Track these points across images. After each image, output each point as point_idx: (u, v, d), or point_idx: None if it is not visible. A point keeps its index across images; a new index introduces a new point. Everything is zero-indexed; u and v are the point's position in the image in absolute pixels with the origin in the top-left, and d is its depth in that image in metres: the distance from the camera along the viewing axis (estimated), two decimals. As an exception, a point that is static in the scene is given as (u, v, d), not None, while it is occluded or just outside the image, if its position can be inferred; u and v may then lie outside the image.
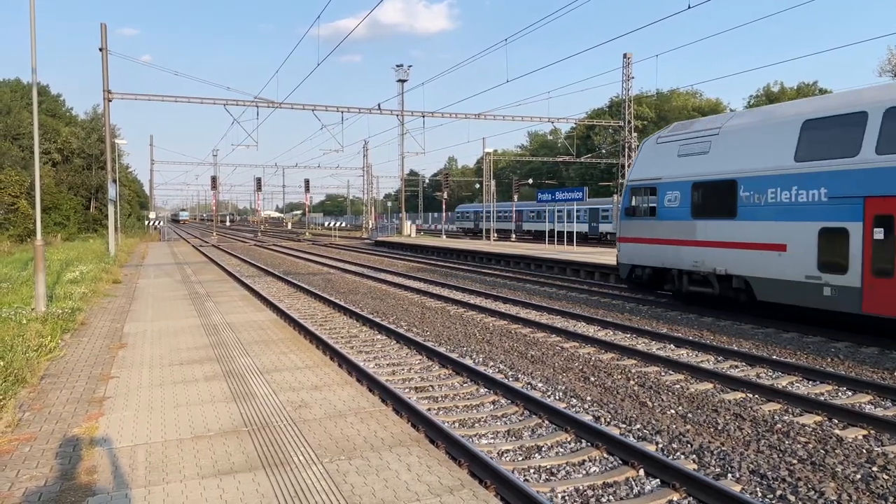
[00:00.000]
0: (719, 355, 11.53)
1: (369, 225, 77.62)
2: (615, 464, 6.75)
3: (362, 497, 5.04)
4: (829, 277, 12.46)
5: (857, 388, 9.39)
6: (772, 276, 13.66)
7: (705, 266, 15.31)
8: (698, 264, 15.51)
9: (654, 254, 16.89)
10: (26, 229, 51.81)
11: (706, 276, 15.41)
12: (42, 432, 6.62)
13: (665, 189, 16.45)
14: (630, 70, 42.83)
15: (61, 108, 78.50)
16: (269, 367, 9.39)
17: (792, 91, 72.83)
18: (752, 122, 14.81)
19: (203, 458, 5.87)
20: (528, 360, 11.38)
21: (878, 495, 5.95)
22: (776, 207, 13.53)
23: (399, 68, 60.87)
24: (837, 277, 12.31)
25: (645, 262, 17.29)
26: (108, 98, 32.51)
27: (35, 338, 10.48)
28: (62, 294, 16.28)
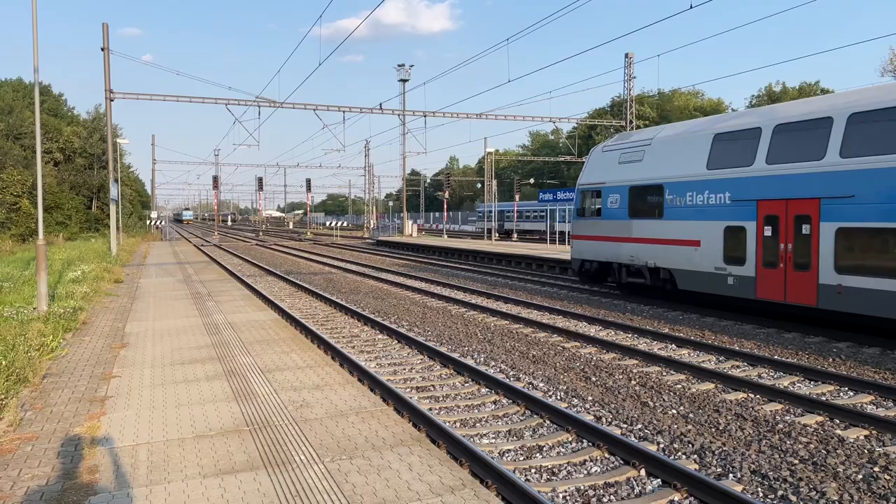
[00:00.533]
0: (721, 355, 11.53)
1: (371, 224, 77.65)
2: (616, 464, 6.75)
3: (364, 496, 5.05)
4: (732, 268, 14.65)
5: (858, 388, 9.38)
6: (690, 268, 15.84)
7: (639, 260, 17.47)
8: (634, 258, 17.67)
9: (599, 249, 19.11)
10: (28, 229, 51.87)
11: (640, 268, 17.57)
12: (44, 431, 6.63)
13: (608, 192, 18.66)
14: (632, 70, 42.82)
15: (63, 108, 78.53)
16: (271, 367, 9.40)
17: (794, 91, 72.71)
18: (677, 135, 17.11)
19: (205, 458, 5.88)
20: (530, 359, 11.38)
21: (880, 496, 5.94)
22: (692, 209, 15.71)
23: (401, 68, 60.93)
24: (738, 268, 14.51)
25: (592, 257, 19.46)
26: (109, 98, 32.54)
27: (37, 337, 10.49)
28: (64, 293, 16.30)
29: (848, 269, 12.29)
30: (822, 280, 12.71)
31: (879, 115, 11.93)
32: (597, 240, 19.19)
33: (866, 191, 11.98)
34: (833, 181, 12.58)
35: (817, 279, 12.81)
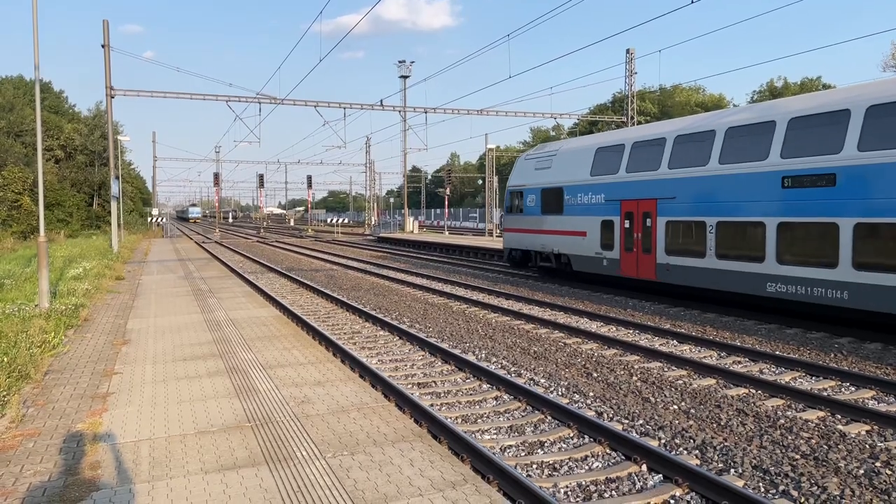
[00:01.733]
0: (722, 351, 11.53)
1: (372, 221, 77.65)
2: (618, 459, 6.75)
3: (365, 492, 5.05)
4: (606, 253, 18.77)
5: (860, 383, 9.38)
6: (580, 253, 19.97)
7: (548, 248, 21.56)
8: (545, 247, 21.76)
9: (522, 240, 23.25)
10: (29, 226, 51.92)
11: (549, 254, 21.66)
12: (46, 428, 6.64)
13: (527, 193, 22.73)
14: (633, 65, 42.74)
15: (64, 105, 78.55)
16: (272, 363, 9.41)
17: (795, 86, 72.61)
18: (574, 147, 21.25)
19: (206, 454, 5.89)
20: (531, 356, 11.39)
21: (881, 490, 5.94)
22: (582, 206, 19.79)
23: (401, 64, 60.82)
24: (609, 253, 18.66)
25: (517, 246, 23.66)
26: (110, 94, 32.53)
27: (38, 334, 10.51)
28: (65, 290, 16.32)
29: (672, 251, 16.39)
30: (659, 260, 16.81)
31: (694, 138, 16.11)
32: (520, 232, 23.31)
33: (682, 193, 16.14)
34: (664, 186, 16.68)
35: (656, 259, 16.91)
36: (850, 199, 12.33)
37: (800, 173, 13.26)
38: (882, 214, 11.76)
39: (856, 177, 12.25)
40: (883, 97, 12.10)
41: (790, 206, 13.46)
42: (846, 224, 12.31)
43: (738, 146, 14.77)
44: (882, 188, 11.80)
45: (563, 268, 21.08)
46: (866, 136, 12.17)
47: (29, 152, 58.20)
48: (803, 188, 13.19)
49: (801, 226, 13.24)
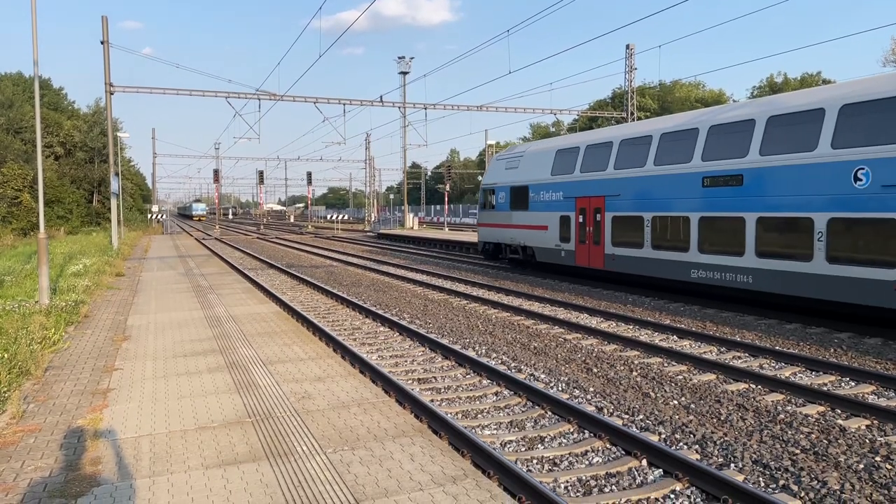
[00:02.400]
0: (722, 346, 11.53)
1: (372, 217, 77.64)
2: (618, 454, 6.76)
3: (366, 487, 5.06)
4: (564, 245, 20.74)
5: (859, 378, 9.39)
6: (542, 245, 21.84)
7: (516, 241, 23.58)
8: (513, 240, 23.78)
9: (494, 234, 25.32)
10: (29, 223, 51.89)
11: (517, 247, 23.66)
12: (47, 424, 6.65)
13: (499, 191, 24.72)
14: (633, 61, 42.68)
15: (63, 102, 78.44)
16: (273, 359, 9.41)
17: (795, 82, 72.52)
18: (538, 149, 23.21)
19: (207, 449, 5.90)
20: (531, 351, 11.39)
21: (881, 485, 5.95)
22: (544, 203, 21.63)
23: (401, 60, 60.74)
24: (566, 245, 20.62)
25: (490, 240, 25.83)
26: (109, 91, 32.49)
27: (39, 330, 10.52)
28: (66, 287, 16.33)
29: (617, 243, 18.39)
30: (607, 251, 18.84)
31: (636, 142, 17.86)
32: (492, 227, 25.41)
33: (625, 191, 18.09)
34: (611, 185, 18.65)
35: (604, 250, 18.92)
36: (753, 196, 14.27)
37: (716, 174, 15.26)
38: (777, 210, 13.77)
39: (758, 177, 14.19)
40: (779, 109, 14.12)
41: (709, 202, 15.44)
42: (751, 218, 14.32)
43: (669, 150, 16.75)
44: (777, 187, 13.76)
45: (528, 259, 23.12)
46: (767, 142, 14.08)
47: (28, 149, 58.14)
48: (718, 187, 15.16)
49: (717, 220, 15.24)
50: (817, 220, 12.90)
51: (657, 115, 68.67)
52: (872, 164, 12.00)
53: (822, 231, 12.79)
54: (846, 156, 12.47)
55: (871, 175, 12.00)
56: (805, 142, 13.30)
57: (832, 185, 12.67)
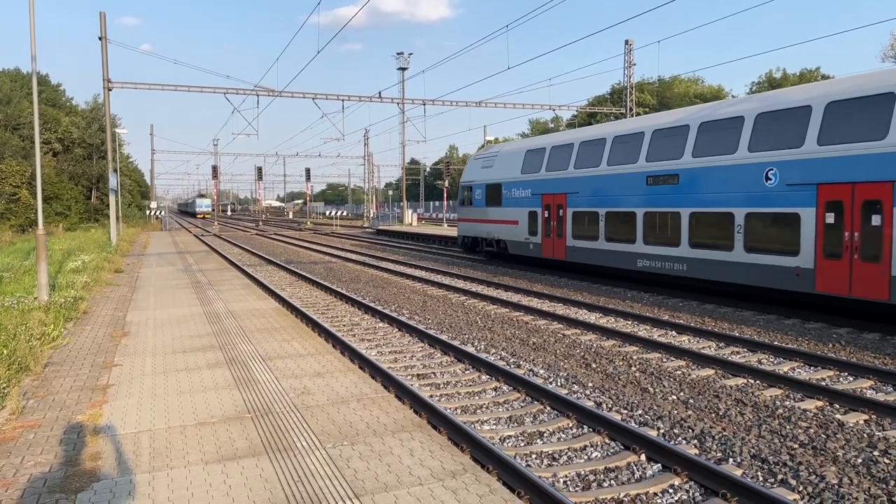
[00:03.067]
0: (721, 341, 11.55)
1: (370, 214, 77.57)
2: (617, 449, 6.78)
3: (365, 481, 5.07)
4: (532, 238, 22.45)
5: (858, 373, 9.41)
6: (513, 238, 23.62)
7: (491, 234, 25.32)
8: (489, 234, 25.52)
9: (471, 228, 27.10)
10: (28, 219, 51.85)
11: (492, 240, 25.43)
12: (46, 419, 6.65)
13: (475, 188, 26.42)
14: (632, 57, 42.65)
15: (61, 98, 78.22)
16: (272, 355, 9.42)
17: (794, 77, 72.46)
18: (510, 150, 24.98)
19: (207, 444, 5.90)
20: (530, 347, 11.41)
21: (879, 479, 5.97)
22: (516, 199, 23.35)
23: (399, 56, 60.65)
24: (534, 238, 22.28)
25: (468, 234, 27.55)
26: (107, 87, 32.43)
27: (38, 326, 10.52)
28: (64, 283, 16.32)
29: (577, 236, 20.09)
30: (568, 244, 20.47)
31: (592, 143, 19.85)
32: (470, 221, 27.17)
33: (583, 189, 19.84)
34: (571, 183, 20.35)
35: (566, 243, 20.53)
36: (687, 194, 15.97)
37: (657, 173, 16.96)
38: (706, 205, 15.47)
39: (691, 177, 15.90)
40: (709, 116, 15.83)
41: (651, 199, 17.12)
42: (685, 213, 16.06)
43: (620, 151, 18.46)
44: (706, 186, 15.44)
45: (502, 252, 24.91)
46: (698, 145, 15.81)
47: (27, 145, 58.01)
48: (659, 185, 16.86)
49: (658, 214, 16.97)
50: (737, 215, 14.63)
51: (656, 110, 68.63)
52: (779, 165, 13.68)
53: (741, 224, 14.54)
54: (759, 158, 14.14)
55: (779, 175, 13.69)
56: (728, 145, 14.95)
57: (749, 184, 14.35)
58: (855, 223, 12.31)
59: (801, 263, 13.24)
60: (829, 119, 12.94)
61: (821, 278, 12.87)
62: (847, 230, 12.43)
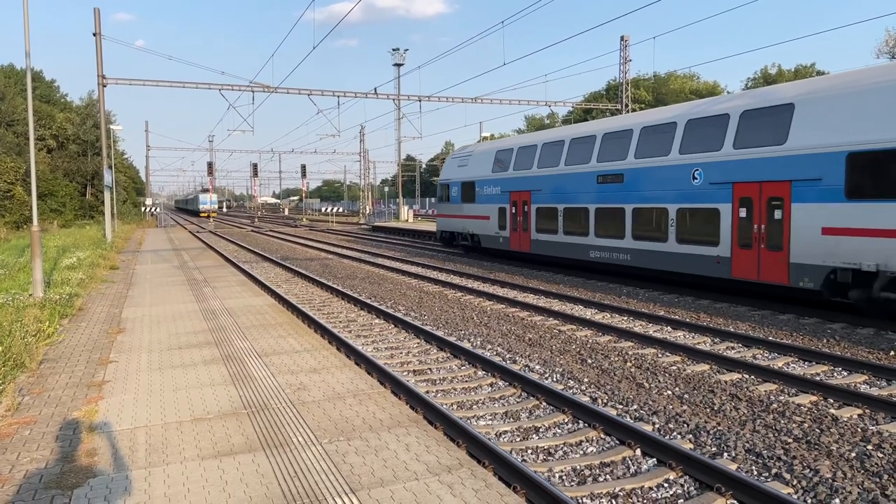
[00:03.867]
0: (716, 337, 11.59)
1: (366, 210, 77.52)
2: (612, 444, 6.80)
3: (361, 476, 5.08)
4: (502, 232, 24.21)
5: (852, 368, 9.45)
6: (485, 233, 25.44)
7: (466, 229, 27.11)
8: (464, 228, 27.22)
9: (449, 223, 28.80)
10: (22, 216, 51.66)
11: (467, 235, 27.13)
12: (42, 416, 6.65)
13: (452, 185, 28.13)
14: (627, 53, 42.63)
15: (56, 94, 77.99)
16: (268, 351, 9.42)
17: (790, 73, 72.55)
18: (482, 150, 26.78)
19: (203, 440, 5.91)
20: (526, 342, 11.43)
21: (873, 473, 6.01)
22: (488, 196, 25.10)
23: (395, 52, 60.55)
24: (504, 232, 24.06)
25: (446, 229, 29.20)
26: (102, 83, 32.30)
27: (33, 323, 10.49)
28: (60, 280, 16.28)
29: (540, 230, 21.69)
30: (532, 237, 22.17)
31: (553, 145, 21.46)
32: (447, 217, 28.83)
33: (545, 187, 21.48)
34: (535, 181, 22.04)
35: (531, 236, 22.25)
36: (630, 191, 17.67)
37: (606, 173, 18.70)
38: (646, 201, 17.17)
39: (633, 176, 17.61)
40: (648, 122, 17.58)
41: (602, 196, 18.82)
42: (629, 208, 17.77)
43: (575, 152, 20.17)
44: (646, 184, 17.12)
45: (475, 245, 26.60)
46: (640, 148, 17.51)
47: (21, 142, 57.79)
48: (608, 184, 18.58)
49: (607, 210, 18.66)
50: (670, 210, 16.37)
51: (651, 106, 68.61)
52: (703, 166, 15.40)
53: (674, 218, 16.29)
54: (688, 160, 15.87)
55: (703, 174, 15.40)
56: (664, 148, 16.66)
57: (679, 183, 16.07)
58: (762, 217, 14.01)
59: (720, 252, 14.97)
60: (743, 126, 14.60)
61: (736, 265, 14.59)
62: (756, 223, 14.13)
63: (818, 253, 12.80)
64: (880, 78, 12.21)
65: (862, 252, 12.08)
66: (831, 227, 12.59)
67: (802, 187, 13.11)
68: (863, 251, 12.07)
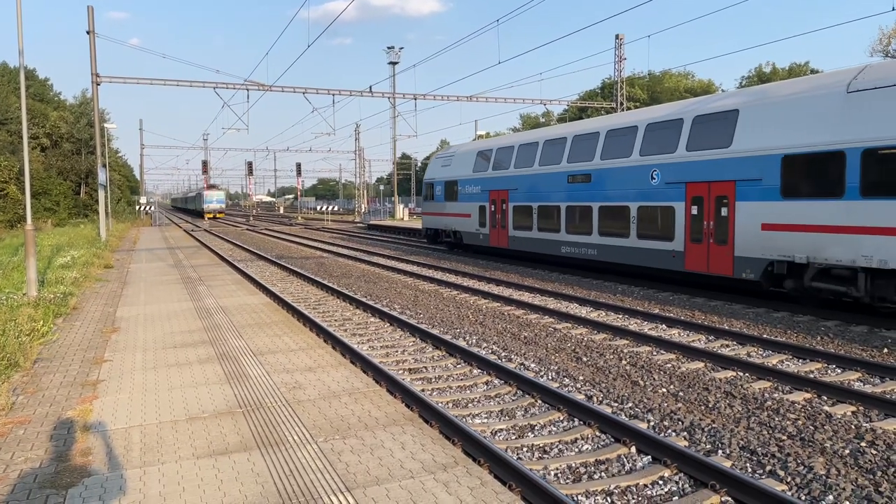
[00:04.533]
0: (710, 335, 11.62)
1: (362, 209, 77.43)
2: (607, 441, 6.82)
3: (357, 475, 5.09)
4: (482, 229, 25.40)
5: (846, 365, 9.49)
6: (467, 230, 26.57)
7: (449, 227, 28.16)
8: (447, 226, 28.38)
9: (434, 221, 29.81)
10: (16, 215, 51.42)
11: (450, 231, 28.25)
12: (36, 415, 6.63)
13: (436, 185, 29.32)
14: (622, 51, 42.68)
15: (49, 93, 77.65)
16: (263, 350, 9.41)
17: (784, 71, 72.71)
18: (464, 150, 27.85)
19: (198, 439, 5.90)
20: (521, 341, 11.44)
21: (866, 470, 6.04)
22: (469, 195, 26.29)
23: (390, 50, 60.44)
24: (484, 229, 25.22)
25: (431, 226, 30.32)
26: (96, 82, 32.18)
27: (27, 322, 10.46)
28: (54, 279, 16.22)
29: (517, 227, 22.84)
30: (510, 234, 23.36)
31: (528, 147, 22.52)
32: (432, 215, 29.93)
33: (521, 186, 22.60)
34: (512, 181, 23.21)
35: (508, 233, 23.45)
36: (597, 190, 18.86)
37: (575, 173, 19.89)
38: (610, 200, 18.35)
39: (600, 176, 18.85)
40: (613, 125, 18.84)
41: (571, 195, 19.99)
42: (595, 206, 18.97)
43: (549, 153, 21.23)
44: (611, 183, 18.33)
45: (458, 242, 27.80)
46: (606, 149, 18.68)
47: (14, 140, 57.55)
48: (577, 183, 19.75)
49: (576, 208, 19.83)
50: (632, 208, 17.52)
51: (647, 105, 68.65)
52: (661, 167, 16.54)
53: (635, 216, 17.42)
54: (647, 161, 17.02)
55: (661, 175, 16.52)
56: (626, 150, 17.84)
57: (640, 182, 17.21)
58: (710, 214, 15.18)
59: (675, 247, 16.11)
60: (695, 130, 15.76)
61: (689, 259, 15.79)
62: (706, 220, 15.31)
63: (758, 247, 13.97)
64: (811, 87, 13.38)
65: (794, 246, 13.24)
66: (769, 224, 13.73)
67: (745, 187, 14.27)
68: (795, 245, 13.22)
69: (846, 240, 12.29)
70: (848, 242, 12.25)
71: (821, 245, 12.71)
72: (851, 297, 12.49)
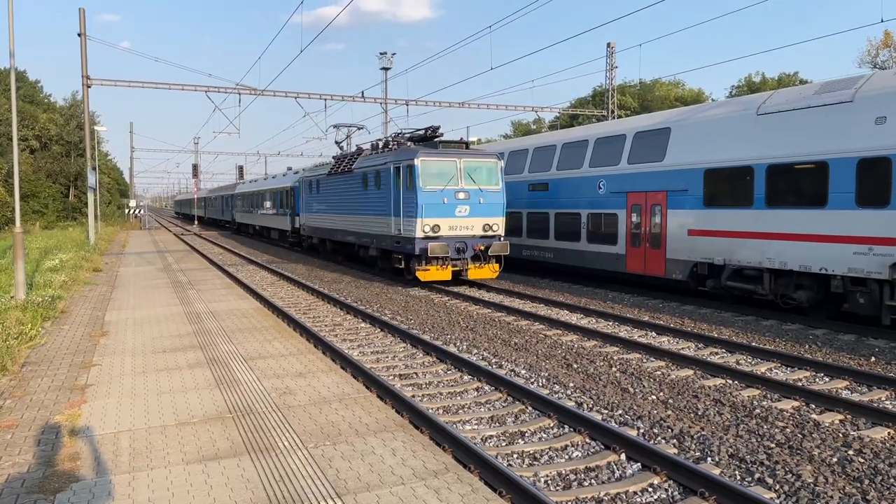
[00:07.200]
0: (700, 342, 11.67)
1: (353, 214, 76.94)
2: (597, 448, 6.83)
3: (347, 481, 5.08)
4: None
5: (834, 374, 9.55)
6: None
7: None
8: None
9: None
10: (4, 217, 51.09)
11: None
12: (24, 420, 6.58)
13: None
14: (613, 59, 42.90)
15: (39, 95, 77.18)
16: (253, 355, 9.38)
17: (773, 81, 73.26)
18: None
19: (188, 445, 5.87)
20: (512, 347, 11.45)
21: (854, 478, 6.08)
22: None
23: (382, 56, 60.46)
24: None
25: None
26: (86, 84, 32.04)
27: (15, 325, 10.39)
28: (42, 282, 16.12)
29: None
30: None
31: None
32: None
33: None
34: None
35: None
36: (553, 198, 20.39)
37: (535, 182, 21.39)
38: (564, 207, 19.91)
39: (555, 185, 20.38)
40: (568, 139, 20.55)
41: (532, 202, 21.43)
42: (552, 213, 20.43)
43: (512, 164, 22.41)
44: (564, 192, 19.90)
45: None
46: (561, 161, 20.28)
47: (3, 142, 57.17)
48: (537, 192, 21.23)
49: (536, 214, 21.22)
50: (582, 215, 19.11)
51: (637, 113, 68.98)
52: (606, 178, 18.24)
53: (585, 222, 18.99)
54: (595, 172, 18.69)
55: (606, 185, 18.20)
56: (578, 162, 19.45)
57: (589, 192, 18.78)
58: (647, 221, 16.82)
59: (618, 251, 17.70)
60: (635, 145, 17.37)
61: (629, 261, 17.40)
62: (643, 226, 16.94)
63: (685, 250, 15.67)
64: (729, 110, 15.18)
65: (714, 249, 14.94)
66: (694, 230, 15.47)
67: (675, 196, 15.96)
68: (714, 248, 14.93)
69: (755, 244, 13.97)
70: (756, 246, 13.93)
71: (735, 248, 14.40)
72: (759, 294, 14.15)
